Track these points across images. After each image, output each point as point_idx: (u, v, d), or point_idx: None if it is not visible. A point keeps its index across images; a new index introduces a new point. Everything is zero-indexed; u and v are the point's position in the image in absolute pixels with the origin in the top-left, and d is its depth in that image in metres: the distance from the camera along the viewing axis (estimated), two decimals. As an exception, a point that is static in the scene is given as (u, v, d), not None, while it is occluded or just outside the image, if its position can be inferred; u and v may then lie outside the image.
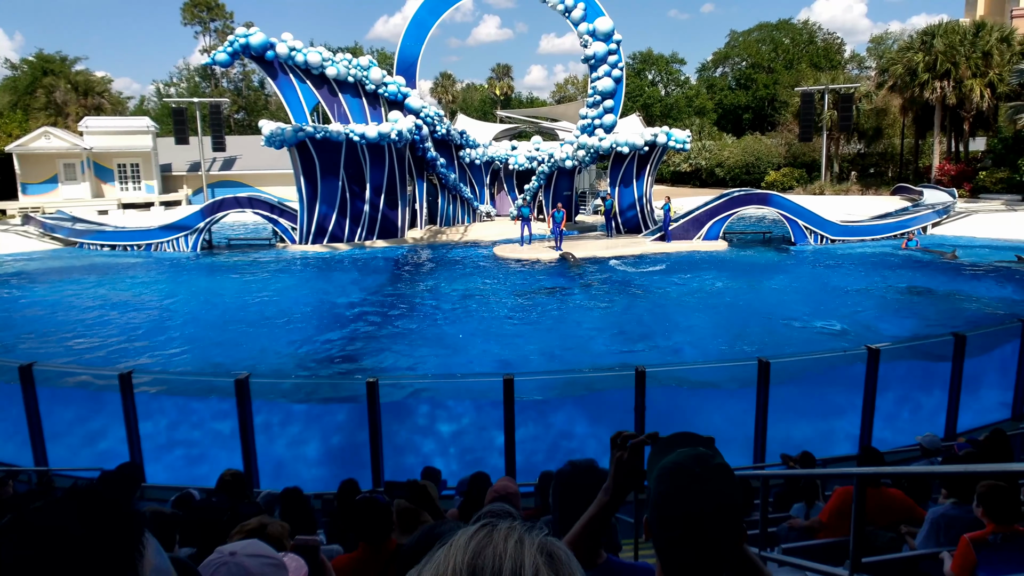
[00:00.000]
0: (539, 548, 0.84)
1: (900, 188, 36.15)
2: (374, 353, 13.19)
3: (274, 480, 7.45)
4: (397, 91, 25.13)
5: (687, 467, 1.27)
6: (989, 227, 25.41)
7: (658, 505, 1.27)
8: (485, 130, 36.01)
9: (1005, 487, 3.58)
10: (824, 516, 5.19)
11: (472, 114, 51.86)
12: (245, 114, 61.72)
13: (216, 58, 23.65)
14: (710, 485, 1.25)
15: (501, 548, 0.82)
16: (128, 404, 7.79)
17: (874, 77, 44.22)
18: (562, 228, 23.00)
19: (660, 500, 1.27)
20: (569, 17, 24.28)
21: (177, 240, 25.15)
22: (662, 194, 27.92)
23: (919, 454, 7.17)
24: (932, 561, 4.02)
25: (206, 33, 60.99)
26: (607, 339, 13.77)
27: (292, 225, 25.02)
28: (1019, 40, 34.71)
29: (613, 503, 1.63)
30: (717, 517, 1.24)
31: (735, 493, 1.26)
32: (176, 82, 63.05)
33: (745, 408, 7.74)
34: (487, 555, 0.82)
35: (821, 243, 23.62)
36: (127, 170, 40.41)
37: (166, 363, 12.44)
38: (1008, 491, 3.56)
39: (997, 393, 9.04)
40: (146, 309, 16.84)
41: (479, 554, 0.82)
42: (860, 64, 60.56)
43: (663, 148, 24.67)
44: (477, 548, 0.83)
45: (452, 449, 8.92)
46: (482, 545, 0.83)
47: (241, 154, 43.08)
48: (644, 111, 52.95)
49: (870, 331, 13.35)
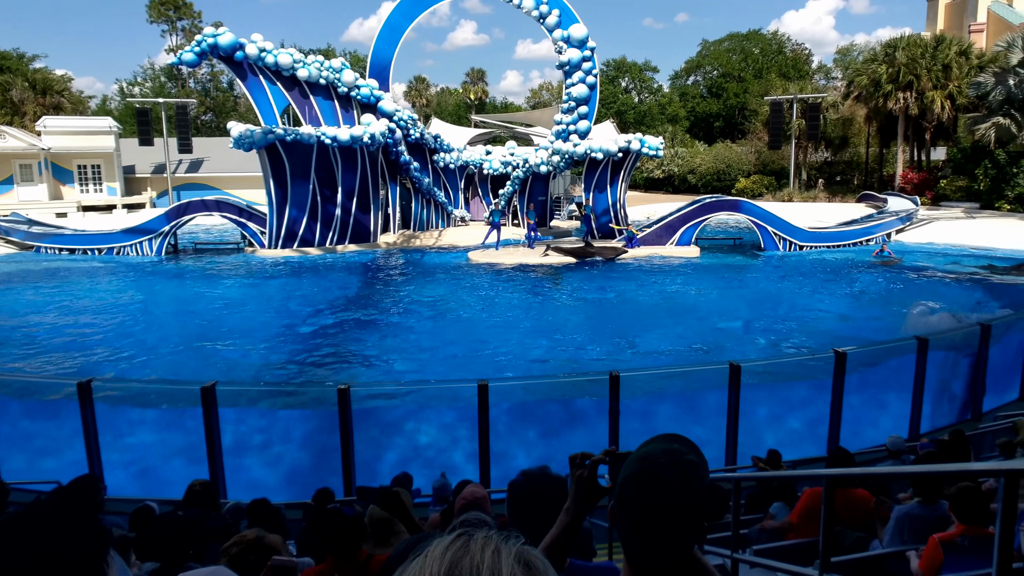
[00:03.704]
0: (516, 557, 0.83)
1: (865, 195, 37.05)
2: (345, 359, 13.03)
3: (243, 490, 7.28)
4: (370, 94, 24.95)
5: (653, 457, 1.29)
6: (950, 234, 26.18)
7: (620, 489, 1.30)
8: (459, 135, 35.95)
9: (976, 489, 3.66)
10: (794, 517, 5.25)
11: (446, 118, 51.75)
12: (213, 115, 60.64)
13: (183, 58, 23.21)
14: (671, 476, 1.26)
15: (478, 558, 0.81)
16: (87, 414, 7.55)
17: (840, 88, 45.30)
18: (534, 229, 23.06)
19: (622, 484, 1.30)
20: (544, 23, 24.41)
21: (141, 244, 24.57)
22: (637, 200, 28.18)
23: (885, 455, 7.31)
24: (898, 560, 4.09)
25: (173, 32, 59.90)
26: (589, 342, 13.81)
27: (261, 229, 24.64)
28: (976, 54, 35.92)
29: (576, 521, 1.68)
30: (673, 509, 1.25)
31: (698, 490, 1.27)
32: (141, 82, 61.66)
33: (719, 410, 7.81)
34: (464, 566, 0.81)
35: (790, 249, 24.06)
36: (87, 171, 39.33)
37: (128, 371, 12.12)
38: (979, 494, 3.63)
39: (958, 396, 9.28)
40: (107, 315, 16.39)
41: (456, 564, 0.81)
42: (827, 75, 61.99)
43: (637, 154, 24.90)
44: (453, 559, 0.82)
45: (425, 455, 8.83)
46: (458, 556, 0.82)
47: (208, 156, 42.32)
48: (618, 118, 53.45)
49: (836, 336, 13.62)
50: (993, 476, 3.91)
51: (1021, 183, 29.79)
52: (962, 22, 45.02)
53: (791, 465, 7.29)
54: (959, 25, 44.88)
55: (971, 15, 44.24)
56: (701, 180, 46.88)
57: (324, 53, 54.01)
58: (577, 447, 1.75)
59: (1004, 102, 30.00)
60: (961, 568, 3.41)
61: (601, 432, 7.67)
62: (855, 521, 4.94)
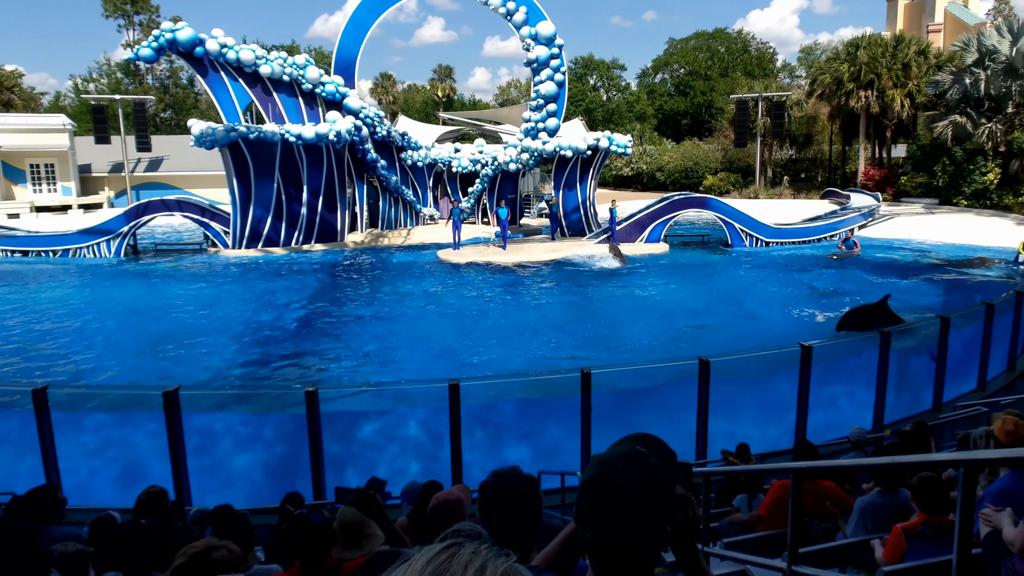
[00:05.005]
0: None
1: (829, 192, 37.87)
2: (312, 360, 12.82)
3: (210, 495, 7.10)
4: (335, 91, 24.60)
5: (612, 461, 1.26)
6: (910, 229, 26.91)
7: (578, 494, 1.28)
8: (427, 132, 35.71)
9: (938, 480, 3.73)
10: (763, 510, 5.31)
11: (414, 116, 51.38)
12: (172, 113, 59.18)
13: (140, 53, 22.59)
14: (628, 481, 1.22)
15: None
16: (43, 421, 7.29)
17: (804, 86, 46.20)
18: (506, 227, 23.01)
19: (580, 488, 1.27)
20: (511, 21, 24.35)
21: (98, 245, 23.85)
22: (606, 197, 28.34)
23: (848, 447, 7.45)
24: (863, 549, 4.17)
25: (130, 27, 58.27)
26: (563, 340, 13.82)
27: (225, 229, 24.13)
28: (934, 54, 36.95)
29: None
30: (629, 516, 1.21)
31: (656, 495, 1.23)
32: (96, 78, 59.87)
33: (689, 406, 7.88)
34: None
35: (756, 245, 24.45)
36: (40, 171, 38.01)
37: (86, 376, 11.74)
38: (940, 484, 3.71)
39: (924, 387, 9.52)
40: (63, 319, 15.86)
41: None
42: (791, 73, 63.21)
43: (605, 152, 25.02)
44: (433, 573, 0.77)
45: (395, 458, 8.73)
46: (439, 571, 0.77)
47: (169, 155, 41.30)
48: (586, 115, 53.70)
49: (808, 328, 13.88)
50: (955, 466, 3.99)
51: (977, 180, 30.74)
52: (921, 22, 46.30)
53: (760, 458, 7.38)
54: (918, 25, 46.15)
55: (929, 15, 45.54)
56: (669, 178, 47.40)
57: (288, 49, 53.11)
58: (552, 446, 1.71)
59: (961, 100, 30.91)
60: (923, 555, 3.48)
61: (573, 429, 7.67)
62: (822, 512, 5.01)
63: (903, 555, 3.60)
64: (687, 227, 28.28)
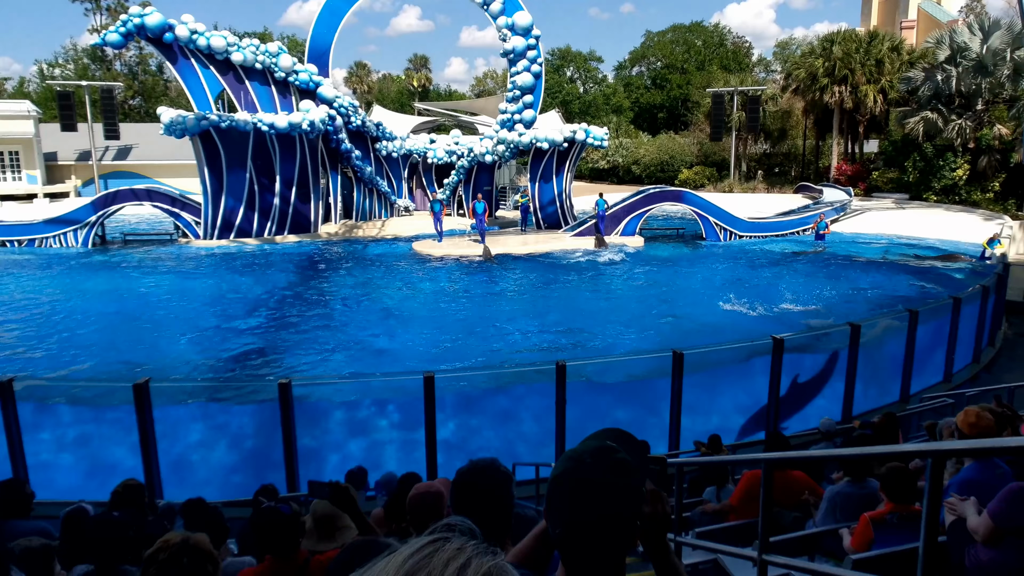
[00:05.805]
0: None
1: (802, 187, 38.39)
2: (285, 353, 12.68)
3: (183, 489, 6.98)
4: (309, 79, 24.21)
5: (580, 456, 1.25)
6: (880, 224, 27.41)
7: (548, 488, 1.28)
8: (402, 122, 35.35)
9: (905, 469, 3.81)
10: (734, 500, 5.39)
11: (389, 106, 50.83)
12: (142, 100, 57.74)
13: (107, 38, 21.95)
14: (595, 476, 1.21)
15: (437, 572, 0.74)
16: (9, 415, 7.11)
17: (779, 81, 46.70)
18: (482, 220, 22.92)
19: (549, 483, 1.27)
20: (488, 10, 24.17)
21: (65, 235, 23.24)
22: (582, 190, 28.37)
23: (818, 437, 7.60)
24: (833, 537, 4.25)
25: (97, 11, 56.60)
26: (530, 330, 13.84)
27: (196, 219, 23.67)
28: (907, 50, 37.58)
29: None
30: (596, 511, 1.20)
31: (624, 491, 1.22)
32: (62, 63, 58.11)
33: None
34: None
35: (731, 239, 24.71)
36: (4, 158, 36.98)
37: (53, 369, 11.46)
38: (907, 473, 3.78)
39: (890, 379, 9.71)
40: (28, 311, 15.45)
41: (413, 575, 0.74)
42: (767, 68, 63.81)
43: (582, 145, 25.03)
44: (412, 569, 0.74)
45: (369, 449, 8.68)
46: (419, 567, 0.74)
47: (137, 143, 40.33)
48: (563, 108, 53.65)
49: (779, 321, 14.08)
50: (922, 457, 4.08)
51: (947, 175, 31.38)
52: (895, 18, 47.05)
53: (731, 449, 7.48)
54: (892, 21, 46.88)
55: (903, 12, 46.28)
56: (645, 171, 47.64)
57: (260, 36, 52.12)
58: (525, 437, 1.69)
59: (932, 97, 31.46)
60: (891, 543, 3.55)
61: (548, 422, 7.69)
62: (793, 502, 5.10)
63: (871, 543, 3.68)
64: (662, 220, 28.47)
